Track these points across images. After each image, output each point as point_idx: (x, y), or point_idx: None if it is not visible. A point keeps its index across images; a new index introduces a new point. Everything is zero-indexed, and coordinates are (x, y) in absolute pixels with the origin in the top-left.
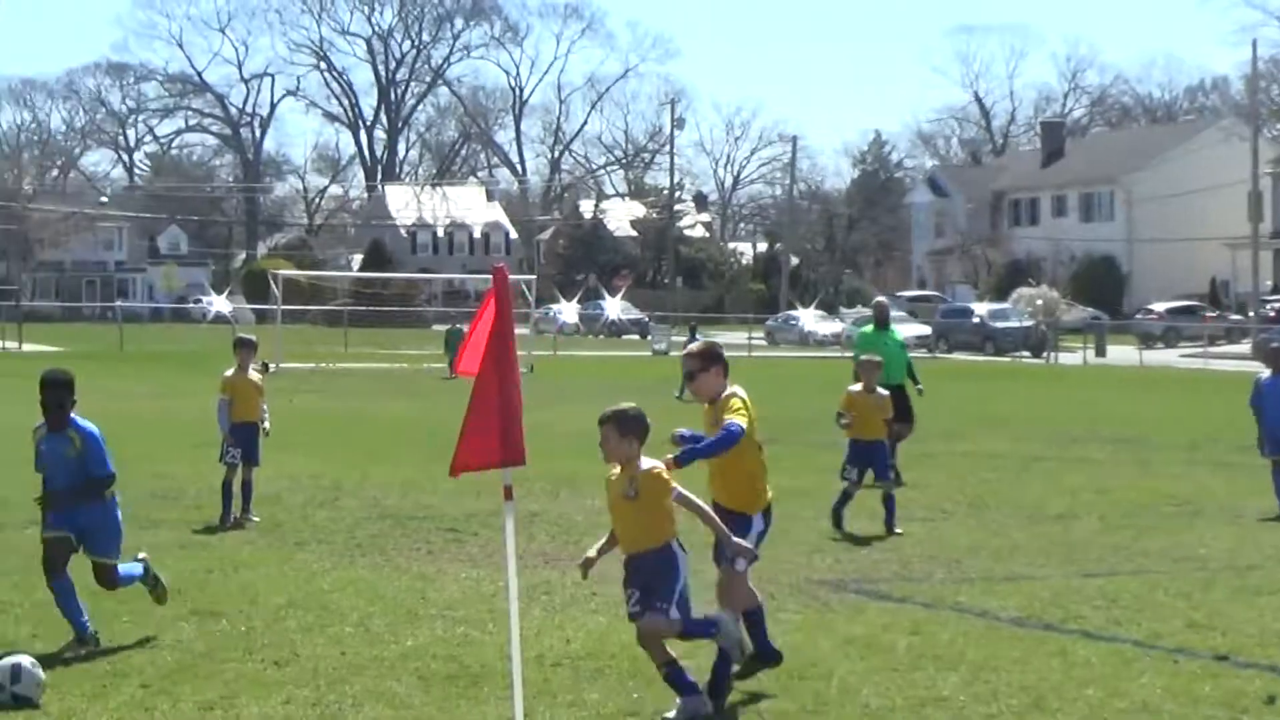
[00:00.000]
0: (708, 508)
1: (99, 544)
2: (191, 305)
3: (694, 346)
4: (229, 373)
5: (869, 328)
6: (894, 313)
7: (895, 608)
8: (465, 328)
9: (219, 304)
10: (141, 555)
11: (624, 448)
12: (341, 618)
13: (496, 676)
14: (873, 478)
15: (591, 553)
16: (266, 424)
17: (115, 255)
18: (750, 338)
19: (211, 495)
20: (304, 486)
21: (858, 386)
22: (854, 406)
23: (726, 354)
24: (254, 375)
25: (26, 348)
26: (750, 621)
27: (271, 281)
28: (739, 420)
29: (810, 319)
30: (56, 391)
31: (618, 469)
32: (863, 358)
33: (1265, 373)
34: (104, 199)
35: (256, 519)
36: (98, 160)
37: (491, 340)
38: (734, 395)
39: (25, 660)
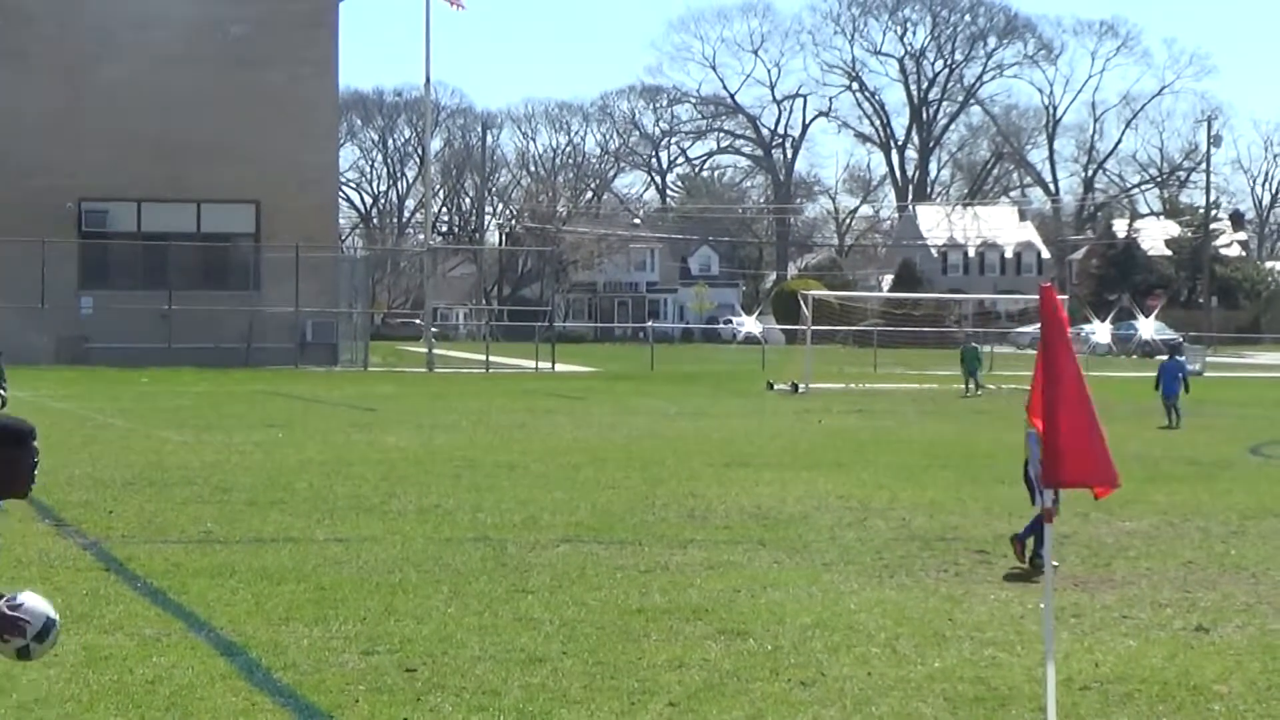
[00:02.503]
0: None
1: None
2: (721, 326)
3: None
4: None
5: None
6: None
7: None
8: (978, 346)
9: (749, 324)
10: None
11: None
12: (868, 638)
13: (1024, 699)
14: None
15: None
16: None
17: (647, 276)
18: None
19: (740, 515)
20: (831, 507)
21: None
22: None
23: (1263, 375)
24: None
25: (560, 368)
26: None
27: (801, 302)
28: None
29: None
30: None
31: None
32: None
33: None
34: (636, 221)
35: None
36: (631, 182)
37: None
38: None
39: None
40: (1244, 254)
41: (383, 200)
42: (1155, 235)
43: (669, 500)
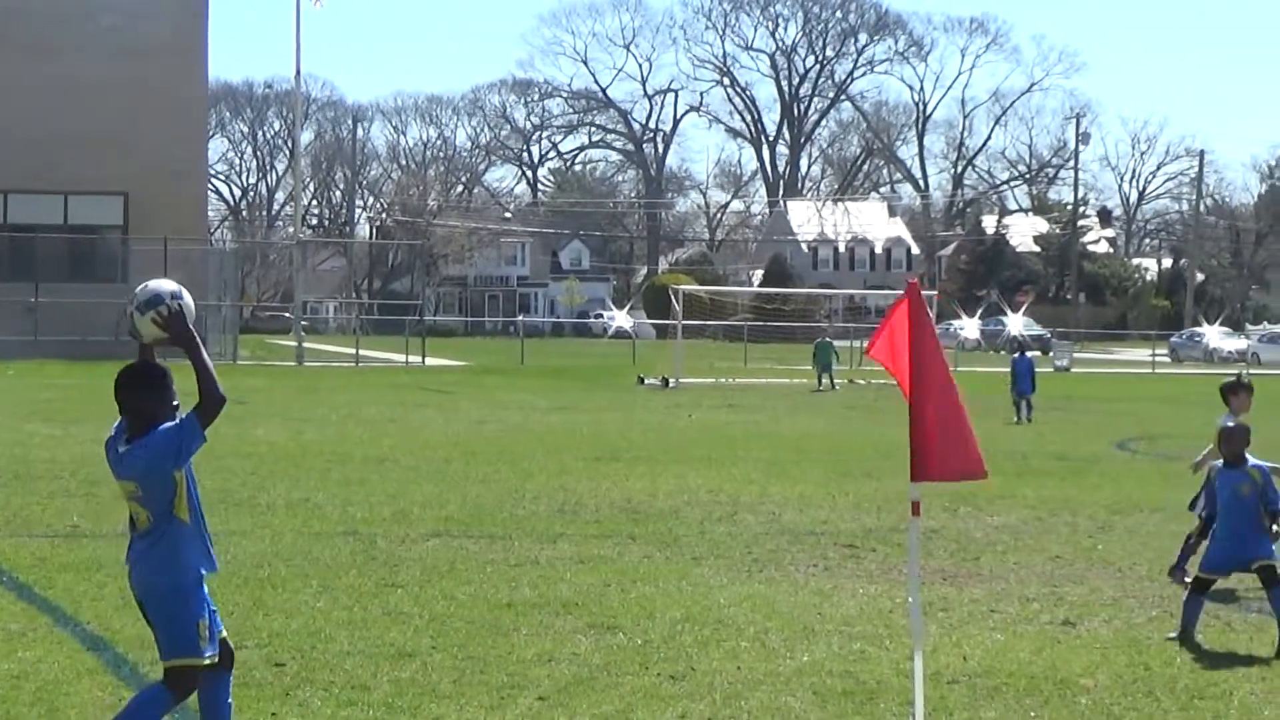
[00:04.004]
0: None
1: (161, 624)
2: (592, 320)
3: None
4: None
5: None
6: None
7: None
8: (832, 341)
9: (620, 319)
10: None
11: None
12: (738, 632)
13: (892, 693)
14: None
15: None
16: None
17: (518, 270)
18: (1154, 354)
19: (611, 509)
20: (702, 501)
21: None
22: None
23: (1130, 371)
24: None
25: (430, 362)
26: None
27: (672, 297)
28: None
29: (1215, 335)
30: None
31: None
32: None
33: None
34: (507, 215)
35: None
36: (501, 176)
37: (914, 357)
38: None
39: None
40: (1111, 251)
41: (252, 193)
42: (1024, 232)
43: (539, 494)
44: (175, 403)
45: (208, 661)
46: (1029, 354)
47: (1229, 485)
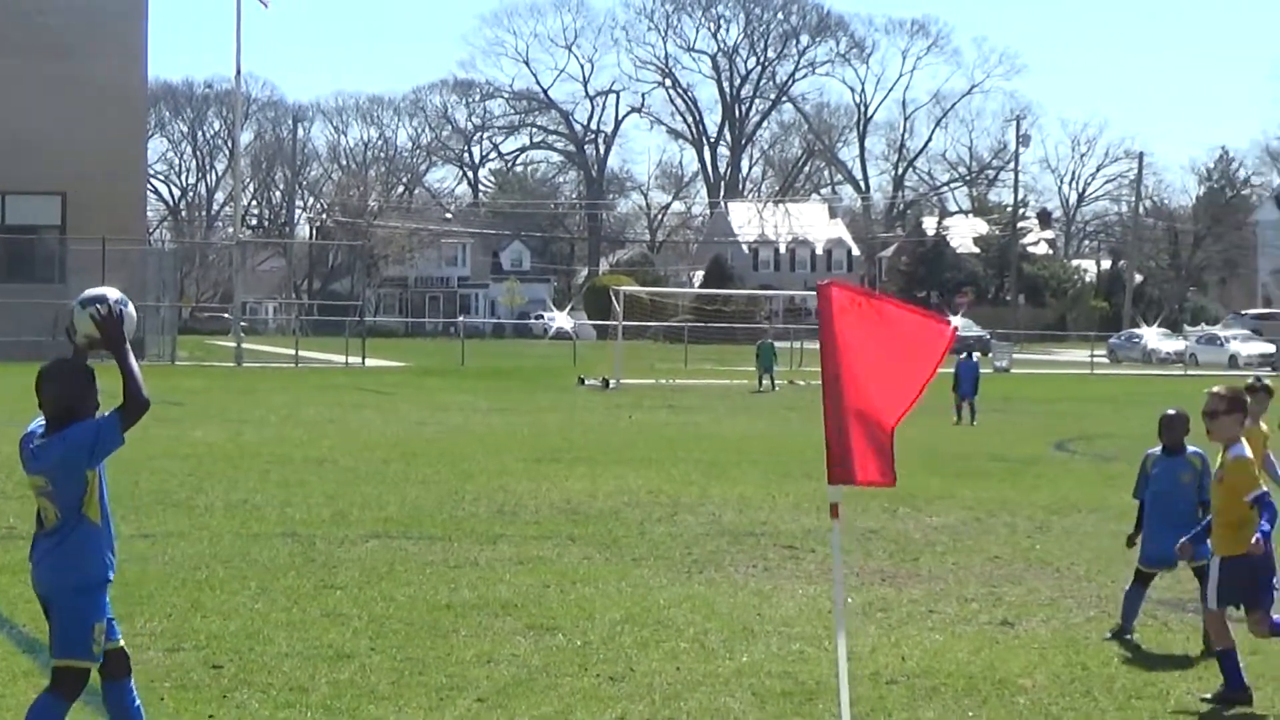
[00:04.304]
0: None
1: (60, 622)
2: (533, 321)
3: (1221, 389)
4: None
5: None
6: (1237, 331)
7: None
8: (774, 343)
9: (560, 320)
10: None
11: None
12: (677, 633)
13: (831, 693)
14: None
15: None
16: None
17: (459, 271)
18: (1093, 355)
19: (550, 510)
20: (642, 502)
21: None
22: None
23: (1068, 372)
24: (1264, 427)
25: (370, 363)
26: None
27: (613, 298)
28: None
29: (1154, 337)
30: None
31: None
32: None
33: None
34: (448, 215)
35: None
36: (442, 177)
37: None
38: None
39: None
40: (1051, 252)
41: (191, 193)
42: (964, 233)
43: (479, 495)
44: (97, 404)
45: (96, 665)
46: (974, 357)
47: (1169, 473)
